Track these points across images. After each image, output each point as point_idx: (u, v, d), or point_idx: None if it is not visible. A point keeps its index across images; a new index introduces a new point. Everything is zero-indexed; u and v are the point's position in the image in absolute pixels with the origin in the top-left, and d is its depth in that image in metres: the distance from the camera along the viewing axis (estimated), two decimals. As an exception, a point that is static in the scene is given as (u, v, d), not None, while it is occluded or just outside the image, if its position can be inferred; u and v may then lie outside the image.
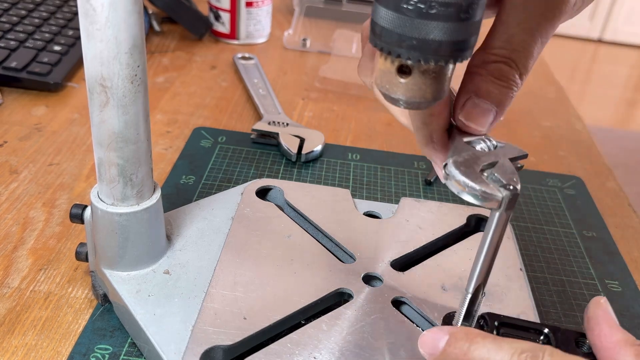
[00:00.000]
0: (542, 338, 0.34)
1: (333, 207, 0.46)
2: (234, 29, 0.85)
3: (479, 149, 0.32)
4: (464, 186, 0.29)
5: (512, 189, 0.28)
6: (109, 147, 0.34)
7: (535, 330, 0.34)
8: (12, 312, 0.40)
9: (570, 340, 0.34)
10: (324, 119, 0.69)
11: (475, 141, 0.32)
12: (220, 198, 0.46)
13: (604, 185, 0.62)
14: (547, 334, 0.34)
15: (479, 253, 0.31)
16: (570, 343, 0.34)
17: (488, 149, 0.32)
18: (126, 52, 0.31)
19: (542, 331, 0.34)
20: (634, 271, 0.50)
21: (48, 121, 0.62)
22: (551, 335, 0.34)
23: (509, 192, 0.28)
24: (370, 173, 0.59)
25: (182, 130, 0.63)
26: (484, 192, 0.28)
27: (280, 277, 0.39)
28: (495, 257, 0.31)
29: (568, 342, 0.34)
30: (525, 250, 0.50)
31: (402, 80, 0.30)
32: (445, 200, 0.56)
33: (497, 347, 0.29)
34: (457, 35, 0.27)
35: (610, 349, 0.31)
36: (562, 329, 0.34)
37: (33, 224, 0.48)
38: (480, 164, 0.30)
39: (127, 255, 0.38)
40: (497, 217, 0.29)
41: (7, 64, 0.66)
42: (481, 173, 0.30)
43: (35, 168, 0.54)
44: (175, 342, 0.34)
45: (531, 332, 0.34)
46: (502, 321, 0.34)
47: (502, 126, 0.72)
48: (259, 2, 0.84)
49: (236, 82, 0.75)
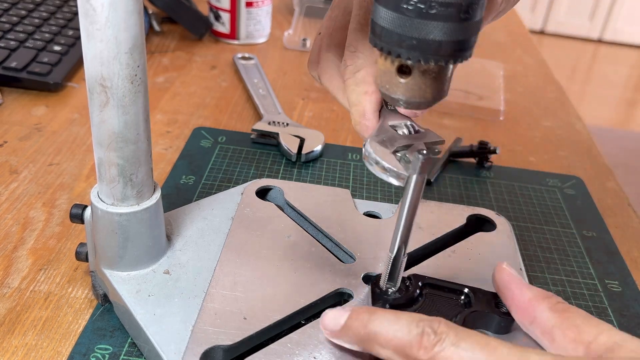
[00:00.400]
0: (462, 298, 0.37)
1: (333, 207, 0.46)
2: (234, 29, 0.85)
3: (400, 132, 0.34)
4: (374, 163, 0.32)
5: (424, 153, 0.31)
6: (109, 147, 0.34)
7: (457, 291, 0.37)
8: (12, 312, 0.40)
9: (490, 301, 0.36)
10: (324, 119, 0.69)
11: (399, 125, 0.35)
12: (220, 198, 0.46)
13: (604, 185, 0.62)
14: (468, 293, 0.36)
15: (400, 217, 0.33)
16: (490, 303, 0.36)
17: (409, 133, 0.34)
18: (126, 52, 0.31)
19: (462, 291, 0.37)
20: (634, 271, 0.50)
21: (48, 121, 0.62)
22: (472, 295, 0.36)
23: (422, 156, 0.31)
24: (370, 173, 0.59)
25: (182, 130, 0.63)
26: (391, 169, 0.32)
27: (280, 277, 0.39)
28: (414, 219, 0.33)
29: (488, 303, 0.36)
30: (525, 250, 0.50)
31: (402, 80, 0.30)
32: (445, 200, 0.56)
33: (396, 318, 0.30)
34: (457, 35, 0.27)
35: (525, 308, 0.33)
36: (482, 291, 0.37)
37: (33, 224, 0.48)
38: (396, 145, 0.33)
39: (127, 255, 0.38)
40: (412, 181, 0.32)
41: (7, 64, 0.66)
42: (395, 153, 0.32)
43: (35, 168, 0.54)
44: (175, 342, 0.34)
45: (453, 292, 0.37)
46: (426, 282, 0.37)
47: (502, 126, 0.72)
48: (259, 2, 0.84)
49: (236, 82, 0.75)
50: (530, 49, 0.99)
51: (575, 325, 0.31)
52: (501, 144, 0.67)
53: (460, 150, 0.62)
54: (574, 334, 0.31)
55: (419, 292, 0.36)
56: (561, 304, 0.32)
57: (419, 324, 0.29)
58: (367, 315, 0.31)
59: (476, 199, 0.57)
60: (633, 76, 3.18)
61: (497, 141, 0.68)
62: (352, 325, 0.31)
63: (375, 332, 0.30)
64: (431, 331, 0.29)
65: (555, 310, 0.32)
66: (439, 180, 0.59)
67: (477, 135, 0.68)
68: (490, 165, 0.62)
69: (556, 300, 0.33)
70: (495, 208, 0.56)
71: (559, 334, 0.31)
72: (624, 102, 2.90)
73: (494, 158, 0.63)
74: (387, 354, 0.30)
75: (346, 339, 0.32)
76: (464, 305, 0.36)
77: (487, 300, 0.36)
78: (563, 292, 0.46)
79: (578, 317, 0.31)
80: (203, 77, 0.75)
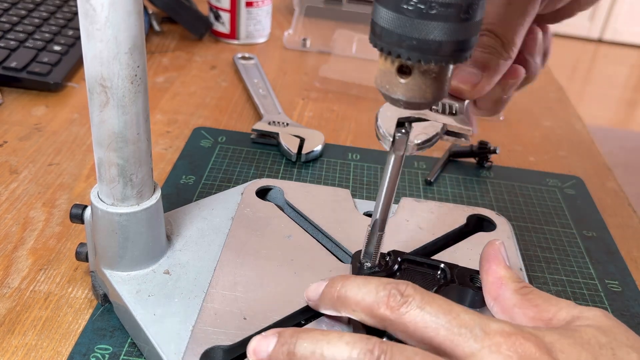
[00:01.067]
0: (439, 272, 0.39)
1: (333, 207, 0.46)
2: (234, 29, 0.85)
3: (434, 107, 0.36)
4: (375, 123, 0.34)
5: (402, 132, 0.33)
6: (109, 147, 0.34)
7: (435, 266, 0.39)
8: (12, 312, 0.40)
9: (465, 276, 0.38)
10: (324, 119, 0.69)
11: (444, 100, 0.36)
12: (220, 198, 0.46)
13: (604, 185, 0.62)
14: (444, 268, 0.38)
15: (380, 192, 0.35)
16: (465, 278, 0.38)
17: (441, 111, 0.36)
18: (126, 52, 0.31)
19: (439, 267, 0.38)
20: (634, 271, 0.50)
21: (48, 121, 0.62)
22: (447, 270, 0.38)
23: (401, 134, 0.33)
24: (370, 173, 0.59)
25: (182, 130, 0.63)
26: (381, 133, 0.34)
27: (280, 277, 0.39)
28: (393, 195, 0.35)
29: (463, 278, 0.38)
30: (525, 250, 0.50)
31: (402, 80, 0.30)
32: (445, 200, 0.56)
33: (366, 282, 0.32)
34: (457, 36, 0.27)
35: (492, 284, 0.34)
36: (459, 267, 0.38)
37: (33, 224, 0.48)
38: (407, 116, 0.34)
39: (127, 255, 0.38)
40: (391, 159, 0.34)
41: (7, 64, 0.66)
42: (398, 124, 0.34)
43: (35, 168, 0.54)
44: (175, 342, 0.34)
45: (431, 267, 0.39)
46: (405, 257, 0.39)
47: (502, 126, 0.72)
48: (259, 2, 0.84)
49: (236, 82, 0.75)
50: (530, 49, 0.99)
51: (536, 305, 0.32)
52: (501, 144, 0.67)
53: (460, 150, 0.62)
54: (534, 312, 0.32)
55: (398, 267, 0.38)
56: (526, 288, 0.33)
57: (386, 287, 0.31)
58: (341, 282, 0.33)
59: (476, 199, 0.57)
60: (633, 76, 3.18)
61: (497, 141, 0.68)
62: (327, 292, 0.33)
63: (346, 296, 0.32)
64: (397, 292, 0.30)
65: (519, 292, 0.33)
66: (439, 180, 0.59)
67: (477, 135, 0.68)
68: (490, 165, 0.62)
69: (523, 285, 0.34)
70: (495, 208, 0.56)
71: (518, 313, 0.32)
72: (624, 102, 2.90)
73: (494, 158, 0.63)
74: (359, 316, 0.32)
75: (324, 306, 0.34)
76: (440, 280, 0.38)
77: (462, 275, 0.38)
78: (563, 292, 0.46)
79: (539, 298, 0.32)
80: (203, 77, 0.75)
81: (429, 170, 0.60)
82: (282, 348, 0.30)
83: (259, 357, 0.31)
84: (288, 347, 0.30)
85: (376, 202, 0.36)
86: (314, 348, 0.29)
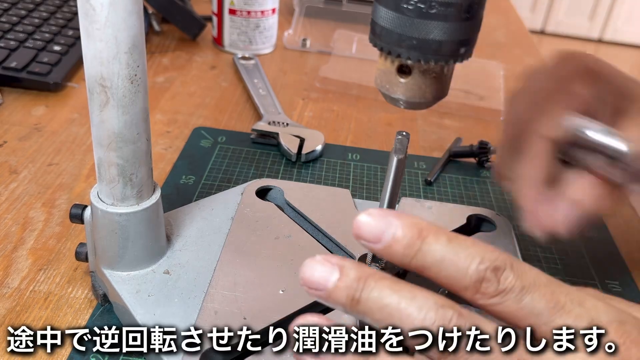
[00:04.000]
0: None
1: (333, 207, 0.46)
2: (220, 34, 0.83)
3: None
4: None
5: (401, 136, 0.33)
6: (109, 147, 0.34)
7: None
8: (12, 312, 0.40)
9: None
10: (324, 119, 0.69)
11: None
12: (220, 198, 0.46)
13: (604, 185, 0.62)
14: None
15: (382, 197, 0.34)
16: None
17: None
18: (126, 52, 0.31)
19: None
20: (634, 271, 0.50)
21: (48, 121, 0.62)
22: None
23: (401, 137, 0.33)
24: (370, 173, 0.59)
25: (182, 130, 0.63)
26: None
27: (280, 277, 0.39)
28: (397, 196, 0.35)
29: None
30: (525, 250, 0.50)
31: (402, 80, 0.30)
32: (445, 201, 0.56)
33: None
34: (457, 35, 0.27)
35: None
36: None
37: (33, 224, 0.48)
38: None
39: (127, 255, 0.38)
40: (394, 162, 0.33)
41: (7, 64, 0.66)
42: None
43: (35, 168, 0.54)
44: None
45: None
46: None
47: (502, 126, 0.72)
48: (242, 12, 0.84)
49: (236, 82, 0.75)
50: (530, 48, 0.99)
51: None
52: (501, 144, 0.67)
53: (460, 150, 0.62)
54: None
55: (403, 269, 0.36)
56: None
57: (485, 263, 0.26)
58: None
59: (476, 199, 0.57)
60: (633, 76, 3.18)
61: (497, 141, 0.68)
62: (405, 236, 0.28)
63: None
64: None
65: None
66: (439, 180, 0.59)
67: (477, 135, 0.68)
68: (490, 165, 0.62)
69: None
70: (495, 208, 0.56)
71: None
72: (624, 102, 2.89)
73: (494, 158, 0.63)
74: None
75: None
76: None
77: None
78: (563, 292, 0.46)
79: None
80: (203, 77, 0.75)
81: (429, 170, 0.60)
82: (345, 291, 0.25)
83: (319, 293, 0.26)
84: (354, 293, 0.25)
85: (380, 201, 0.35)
86: (389, 301, 0.25)
